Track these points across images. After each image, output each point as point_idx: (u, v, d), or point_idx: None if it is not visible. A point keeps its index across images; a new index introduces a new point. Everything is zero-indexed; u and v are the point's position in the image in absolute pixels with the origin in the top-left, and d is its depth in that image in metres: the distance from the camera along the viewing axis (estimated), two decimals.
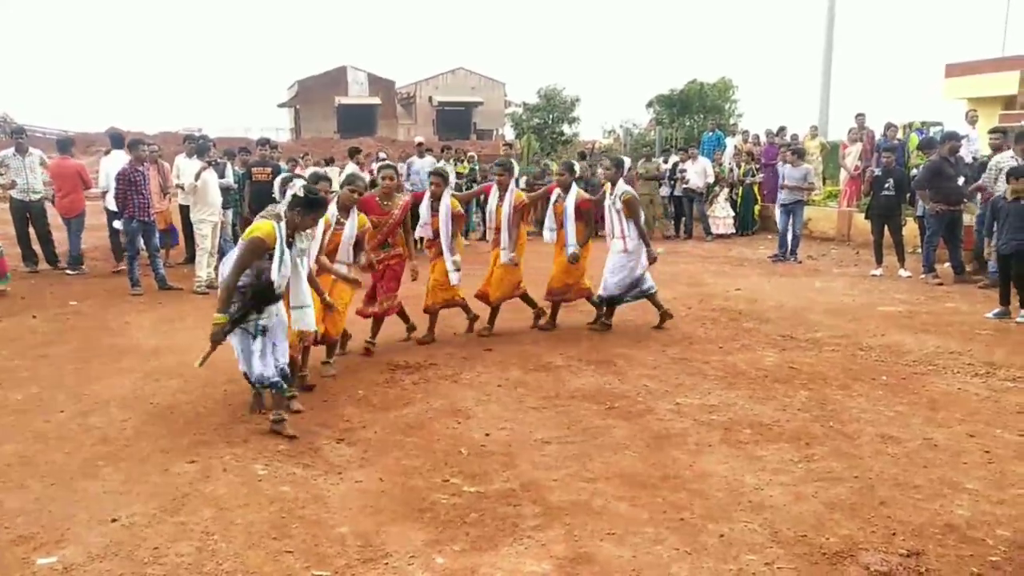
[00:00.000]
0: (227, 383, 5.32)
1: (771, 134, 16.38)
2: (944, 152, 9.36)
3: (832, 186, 16.41)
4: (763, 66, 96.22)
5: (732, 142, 17.07)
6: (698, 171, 14.49)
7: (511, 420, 4.75)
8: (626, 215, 6.81)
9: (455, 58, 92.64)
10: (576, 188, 6.95)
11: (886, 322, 7.32)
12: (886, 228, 10.10)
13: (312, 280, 4.89)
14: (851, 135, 14.22)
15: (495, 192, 6.86)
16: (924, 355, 6.13)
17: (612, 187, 6.96)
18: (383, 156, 15.28)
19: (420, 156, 14.40)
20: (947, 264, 9.68)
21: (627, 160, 7.64)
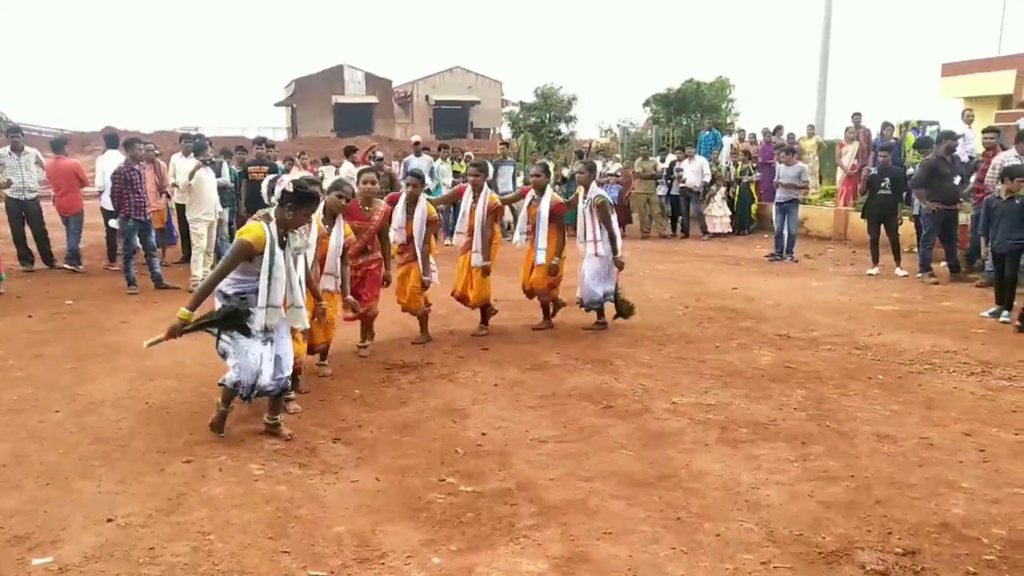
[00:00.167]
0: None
1: (768, 133, 16.40)
2: (941, 151, 9.38)
3: (828, 185, 16.43)
4: (760, 65, 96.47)
5: (729, 141, 17.08)
6: (695, 170, 14.50)
7: (507, 419, 4.75)
8: (599, 219, 6.77)
9: (452, 57, 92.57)
10: (550, 191, 6.86)
11: (882, 321, 7.33)
12: (882, 227, 10.12)
13: (310, 283, 4.80)
14: (848, 134, 14.24)
15: (469, 193, 6.71)
16: (920, 354, 6.14)
17: (585, 190, 6.91)
18: (380, 155, 15.26)
19: (417, 155, 14.41)
20: (943, 263, 9.70)
21: (599, 163, 7.65)
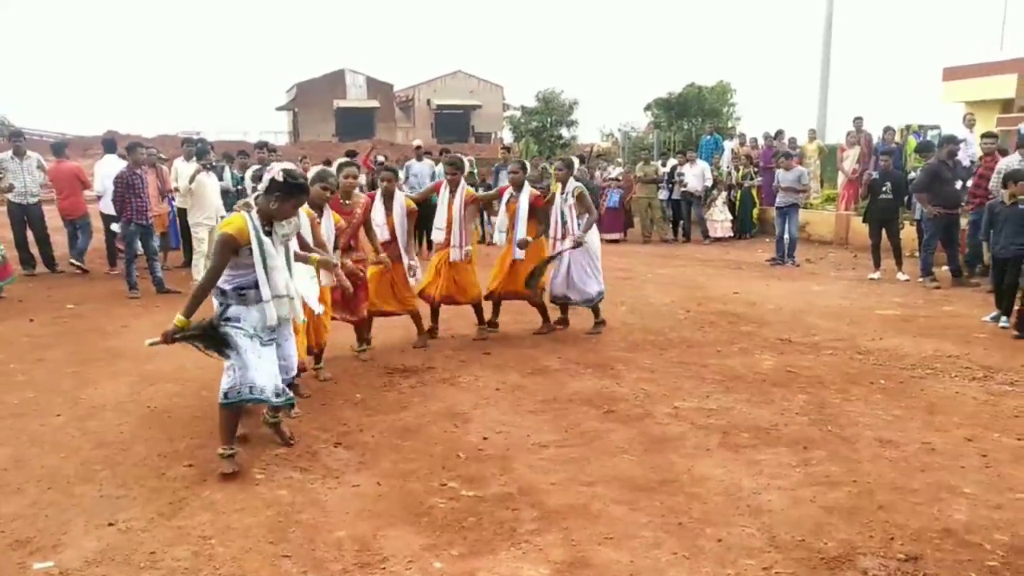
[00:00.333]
0: None
1: (769, 137, 16.41)
2: (942, 156, 9.37)
3: (830, 189, 16.43)
4: (761, 69, 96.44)
5: (730, 145, 17.09)
6: (696, 174, 14.50)
7: (509, 424, 4.74)
8: (579, 211, 6.89)
9: (453, 61, 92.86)
10: (528, 187, 6.88)
11: (884, 326, 7.32)
12: (884, 232, 10.11)
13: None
14: (849, 138, 14.23)
15: (444, 190, 6.63)
16: (922, 359, 6.13)
17: (563, 187, 6.94)
18: (382, 158, 15.28)
19: (418, 159, 14.40)
20: (945, 268, 9.69)
21: (576, 160, 7.78)
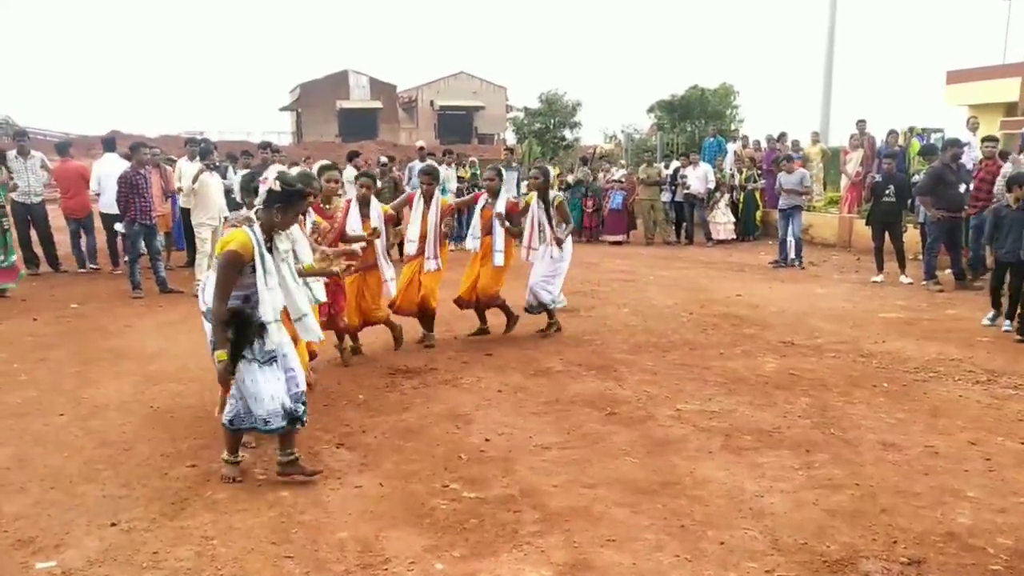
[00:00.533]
0: None
1: (772, 140, 16.40)
2: (946, 159, 9.35)
3: (833, 192, 16.42)
4: (764, 72, 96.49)
5: (733, 148, 17.08)
6: (699, 176, 14.49)
7: (511, 425, 4.74)
8: (559, 219, 6.95)
9: (457, 62, 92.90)
10: (504, 194, 6.85)
11: (887, 329, 7.31)
12: (887, 234, 10.09)
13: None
14: (852, 141, 14.23)
15: (419, 200, 6.53)
16: (925, 362, 6.12)
17: (539, 196, 6.93)
18: (384, 160, 15.30)
19: (422, 160, 14.42)
20: (948, 271, 9.68)
21: (551, 169, 7.87)
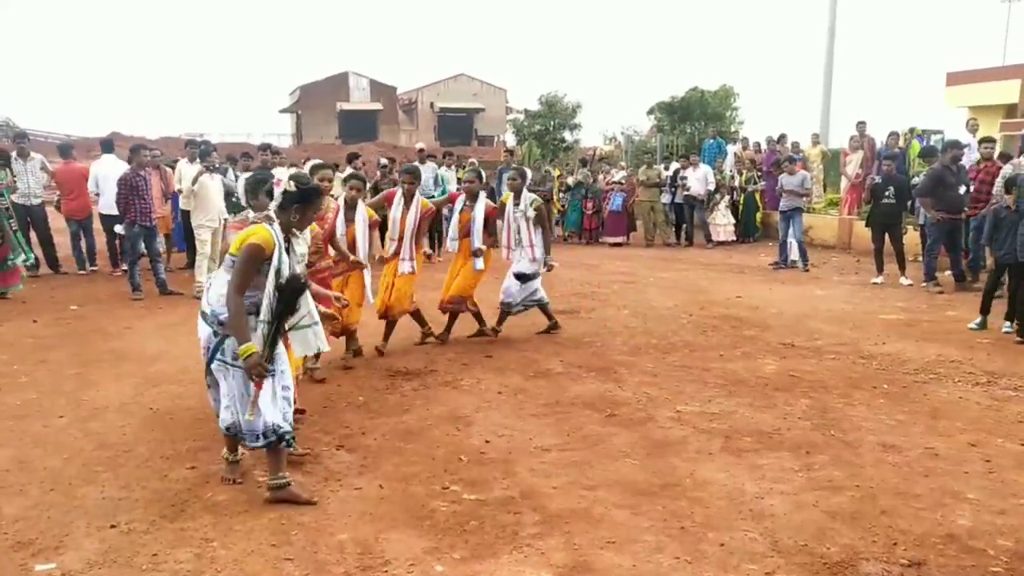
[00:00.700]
0: None
1: (772, 141, 16.41)
2: (946, 160, 9.36)
3: (833, 194, 16.43)
4: (764, 73, 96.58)
5: (733, 149, 17.09)
6: (699, 178, 14.50)
7: (511, 427, 4.74)
8: (536, 224, 6.85)
9: (457, 64, 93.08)
10: (484, 197, 6.80)
11: (887, 330, 7.31)
12: (887, 236, 10.09)
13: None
14: (852, 143, 14.24)
15: (399, 200, 6.43)
16: (925, 363, 6.12)
17: (516, 197, 6.89)
18: (384, 162, 15.30)
19: (421, 162, 14.41)
20: (948, 272, 9.68)
21: (529, 172, 7.76)
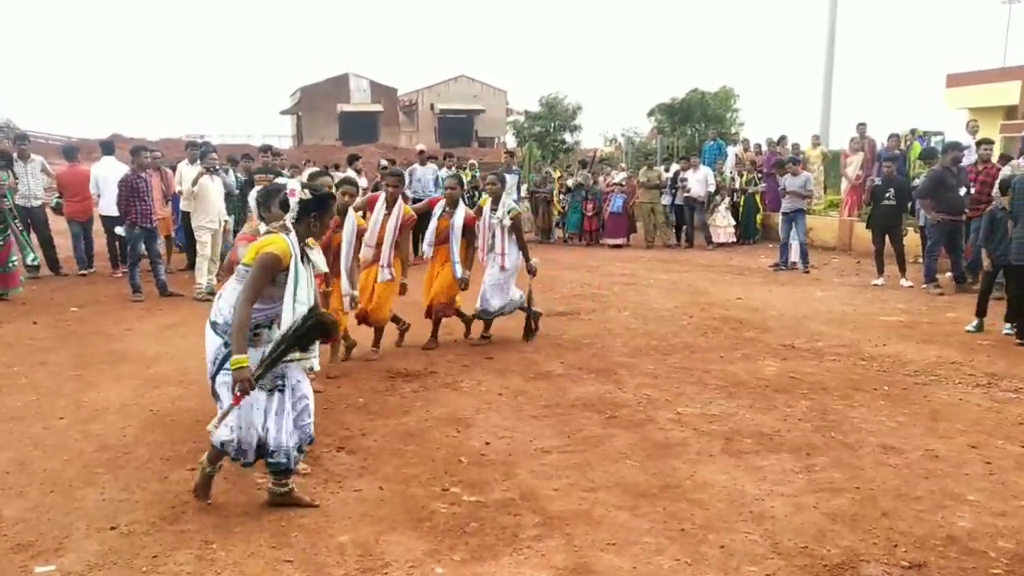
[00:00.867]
0: None
1: (772, 143, 16.42)
2: (946, 162, 9.37)
3: (833, 195, 16.42)
4: (764, 75, 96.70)
5: (733, 151, 17.09)
6: (699, 180, 14.51)
7: (511, 429, 4.74)
8: (511, 232, 6.78)
9: (457, 66, 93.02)
10: (463, 203, 6.71)
11: (887, 332, 7.31)
12: (887, 238, 10.09)
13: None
14: (852, 144, 14.23)
15: (380, 204, 6.30)
16: (925, 365, 6.11)
17: (495, 202, 6.83)
18: (384, 163, 15.31)
19: (422, 164, 14.42)
20: (948, 274, 9.68)
21: (509, 177, 7.58)
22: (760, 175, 15.19)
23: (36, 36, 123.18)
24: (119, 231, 9.68)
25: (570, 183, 15.91)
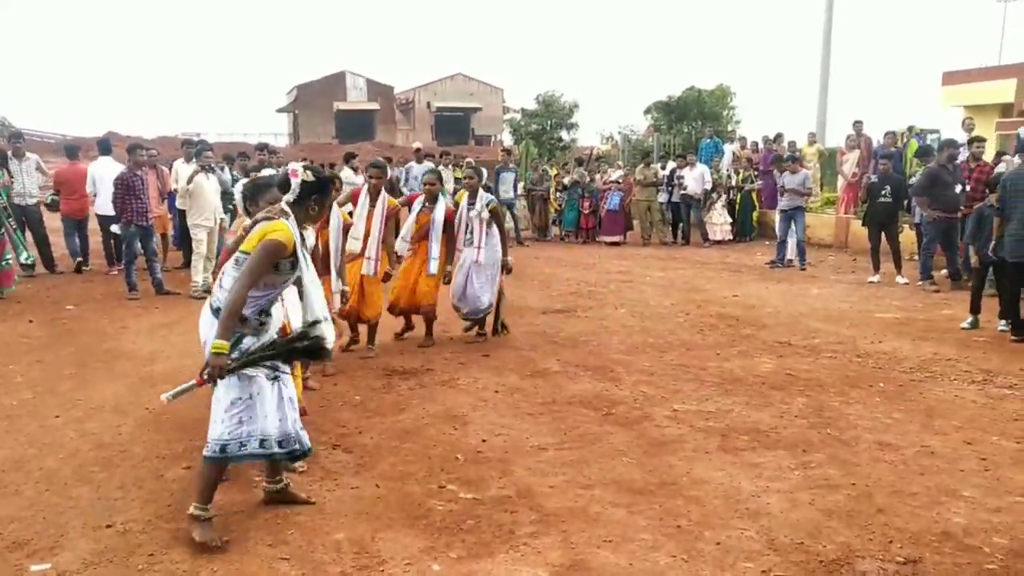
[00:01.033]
0: None
1: (768, 141, 16.42)
2: (942, 159, 9.38)
3: (829, 193, 16.44)
4: (761, 73, 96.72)
5: (730, 149, 17.10)
6: (696, 177, 14.52)
7: (507, 426, 4.74)
8: (494, 224, 6.77)
9: (454, 64, 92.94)
10: (443, 200, 6.65)
11: (883, 329, 7.32)
12: (883, 235, 10.12)
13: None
14: (849, 142, 14.25)
15: (364, 197, 6.24)
16: (921, 362, 6.13)
17: (472, 196, 6.79)
18: (382, 161, 15.28)
19: (418, 162, 14.43)
20: (944, 271, 9.70)
21: (484, 170, 7.62)
22: (756, 173, 15.21)
23: (32, 35, 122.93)
24: (115, 229, 9.67)
25: (567, 181, 15.91)
